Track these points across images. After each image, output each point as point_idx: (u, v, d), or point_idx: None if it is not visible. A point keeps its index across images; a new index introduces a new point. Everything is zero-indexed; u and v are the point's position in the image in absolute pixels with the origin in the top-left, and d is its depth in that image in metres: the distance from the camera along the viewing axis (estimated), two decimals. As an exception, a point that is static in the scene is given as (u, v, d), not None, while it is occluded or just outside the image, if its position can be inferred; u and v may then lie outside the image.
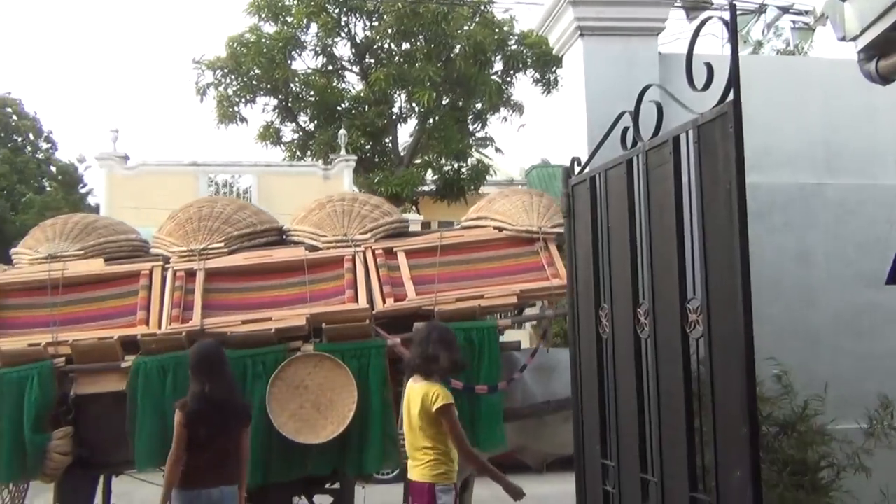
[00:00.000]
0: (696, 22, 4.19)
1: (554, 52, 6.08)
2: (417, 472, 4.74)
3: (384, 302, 5.92)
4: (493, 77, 19.27)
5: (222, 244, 6.36)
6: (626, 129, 3.98)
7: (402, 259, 6.23)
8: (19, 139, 26.83)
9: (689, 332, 3.27)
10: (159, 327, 5.88)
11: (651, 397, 3.57)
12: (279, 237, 6.82)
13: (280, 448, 5.65)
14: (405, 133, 20.86)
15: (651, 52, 5.38)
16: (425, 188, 19.80)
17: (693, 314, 3.24)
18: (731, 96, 3.06)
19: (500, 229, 6.42)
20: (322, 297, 6.05)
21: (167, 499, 4.90)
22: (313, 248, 6.39)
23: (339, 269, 6.18)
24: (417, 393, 4.72)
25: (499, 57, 19.35)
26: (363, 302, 5.92)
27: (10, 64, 48.96)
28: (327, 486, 6.48)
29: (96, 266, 6.34)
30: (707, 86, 3.27)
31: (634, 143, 3.85)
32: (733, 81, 3.06)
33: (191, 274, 6.14)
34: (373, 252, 6.25)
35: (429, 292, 5.99)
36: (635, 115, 3.84)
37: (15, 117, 26.57)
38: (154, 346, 5.76)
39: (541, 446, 6.58)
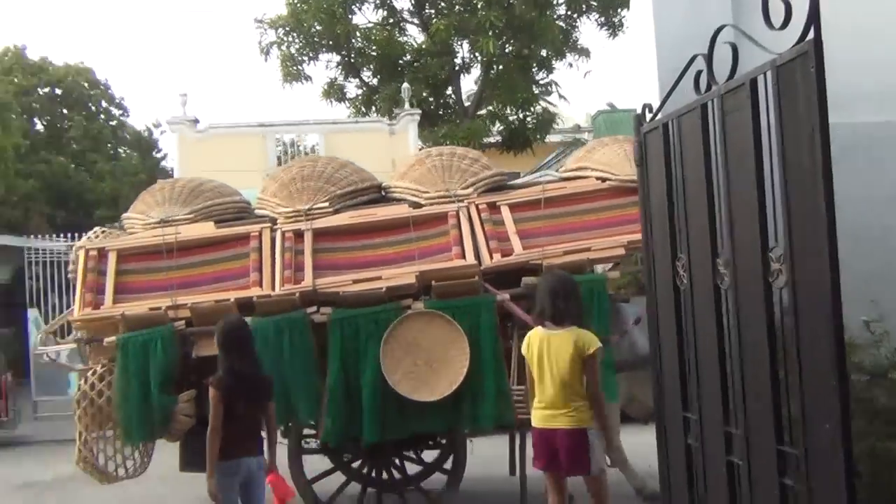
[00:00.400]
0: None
1: (621, -6, 5.90)
2: (565, 419, 4.73)
3: (491, 257, 5.90)
4: (557, 22, 18.86)
5: (327, 203, 6.43)
6: (699, 73, 3.83)
7: (505, 213, 6.20)
8: (92, 107, 27.46)
9: (772, 281, 3.17)
10: (272, 288, 5.99)
11: (732, 349, 3.49)
12: (379, 194, 6.84)
13: (395, 405, 5.76)
14: (468, 84, 20.68)
15: (724, -10, 5.16)
16: (490, 139, 19.63)
17: (776, 263, 3.14)
18: (811, 34, 2.91)
19: (603, 179, 6.33)
20: (429, 254, 6.08)
21: (213, 471, 5.01)
22: (415, 205, 6.39)
23: (443, 225, 6.19)
24: (565, 339, 4.74)
25: (561, 0, 18.92)
26: (471, 258, 5.92)
27: (81, 33, 50.05)
28: (432, 441, 6.63)
29: (207, 229, 6.48)
30: (785, 24, 3.11)
31: (709, 87, 3.70)
32: (813, 18, 2.91)
33: (298, 234, 6.22)
34: (476, 207, 6.22)
35: (535, 246, 5.96)
36: (709, 58, 3.69)
37: (87, 86, 27.17)
38: (269, 307, 5.89)
39: (648, 399, 6.59)
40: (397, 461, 6.65)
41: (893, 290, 4.89)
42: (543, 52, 19.35)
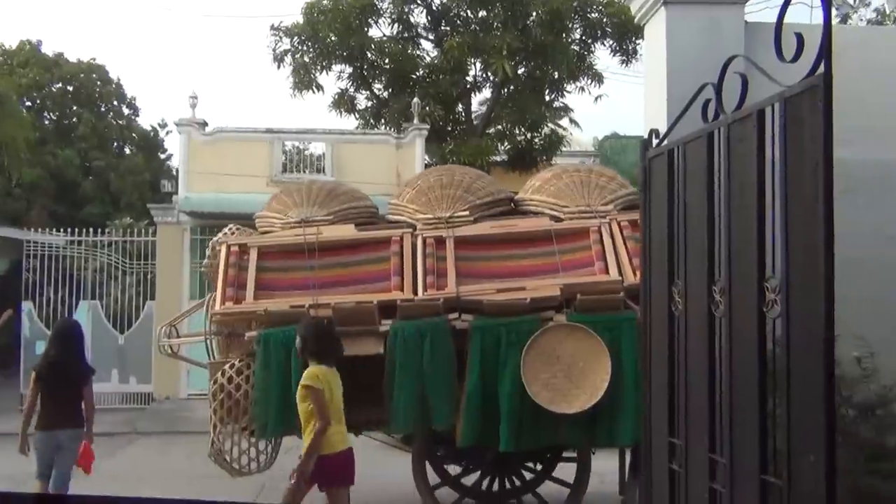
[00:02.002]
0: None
1: (635, 20, 5.95)
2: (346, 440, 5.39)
3: (634, 274, 5.85)
4: (572, 46, 18.94)
5: (467, 212, 6.53)
6: (707, 102, 3.85)
7: None
8: (103, 105, 27.57)
9: (767, 311, 3.18)
10: (414, 293, 6.05)
11: (723, 377, 3.49)
12: (510, 206, 6.93)
13: (531, 416, 5.80)
14: (479, 102, 20.74)
15: (737, 22, 5.22)
16: (497, 158, 19.66)
17: (771, 293, 3.15)
18: (821, 68, 2.93)
19: (555, 218, 6.51)
20: (571, 268, 6.14)
21: (24, 437, 6.46)
22: (554, 219, 6.43)
23: (585, 239, 6.24)
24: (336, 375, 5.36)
25: (577, 25, 19.01)
26: (614, 274, 5.91)
27: (96, 30, 50.32)
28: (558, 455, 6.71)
29: (348, 231, 6.57)
30: (796, 57, 3.13)
31: (717, 116, 3.72)
32: (825, 52, 2.93)
33: (440, 241, 6.29)
34: (618, 223, 6.25)
35: None
36: (718, 87, 3.72)
37: (99, 83, 27.28)
38: (413, 311, 5.95)
39: None
40: (517, 473, 6.75)
41: (885, 327, 4.90)
42: (556, 75, 19.42)
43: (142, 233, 16.10)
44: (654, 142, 4.48)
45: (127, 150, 28.00)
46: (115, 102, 28.09)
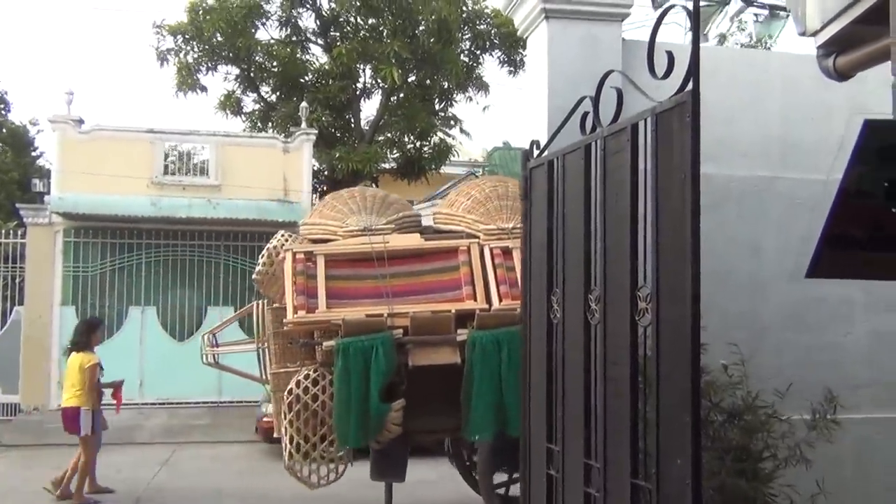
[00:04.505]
0: (661, 9, 4.18)
1: (518, 33, 6.05)
2: None
3: None
4: (461, 56, 19.16)
5: None
6: (585, 114, 3.96)
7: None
8: (-30, 99, 26.08)
9: (639, 319, 3.28)
10: (487, 302, 6.01)
11: (598, 383, 3.57)
12: None
13: None
14: (368, 109, 20.70)
15: (615, 38, 5.38)
16: (386, 166, 19.66)
17: (643, 302, 3.25)
18: (690, 86, 3.05)
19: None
20: None
21: None
22: None
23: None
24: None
25: (466, 35, 19.23)
26: None
27: (-37, 19, 47.48)
28: None
29: (415, 240, 6.49)
30: (667, 74, 3.25)
31: (594, 129, 3.83)
32: (693, 71, 3.05)
33: (506, 252, 6.22)
34: None
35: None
36: (595, 101, 3.82)
37: (-34, 75, 25.77)
38: (490, 321, 5.87)
39: None
40: None
41: (756, 334, 5.15)
42: (445, 84, 19.60)
43: (10, 234, 15.28)
44: (535, 152, 4.57)
45: (-4, 148, 26.53)
46: (-16, 97, 26.61)
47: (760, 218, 5.45)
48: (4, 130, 27.02)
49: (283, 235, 7.18)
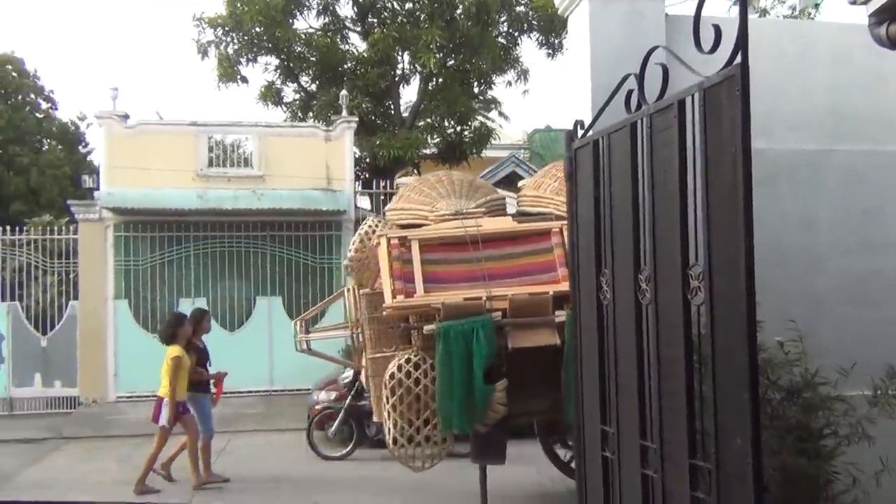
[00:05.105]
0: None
1: (559, 12, 5.98)
2: None
3: None
4: (498, 39, 19.04)
5: None
6: (630, 92, 3.90)
7: None
8: (19, 97, 26.63)
9: (691, 298, 3.24)
10: None
11: (651, 363, 3.54)
12: None
13: None
14: (408, 95, 20.70)
15: (658, 14, 5.29)
16: (427, 151, 19.65)
17: (695, 280, 3.20)
18: (738, 59, 2.99)
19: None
20: None
21: None
22: None
23: None
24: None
25: (504, 18, 19.10)
26: None
27: (13, 22, 48.48)
28: None
29: (507, 223, 6.50)
30: (714, 48, 3.19)
31: (639, 106, 3.77)
32: (741, 44, 2.99)
33: None
34: None
35: None
36: (640, 78, 3.77)
37: (15, 75, 26.33)
38: None
39: None
40: None
41: (812, 310, 5.05)
42: (483, 67, 19.50)
43: (62, 230, 15.61)
44: (580, 133, 4.52)
45: (46, 144, 27.09)
46: (33, 96, 27.17)
47: (813, 191, 5.34)
48: (54, 128, 27.58)
49: (372, 221, 7.20)
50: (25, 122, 25.81)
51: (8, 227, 15.05)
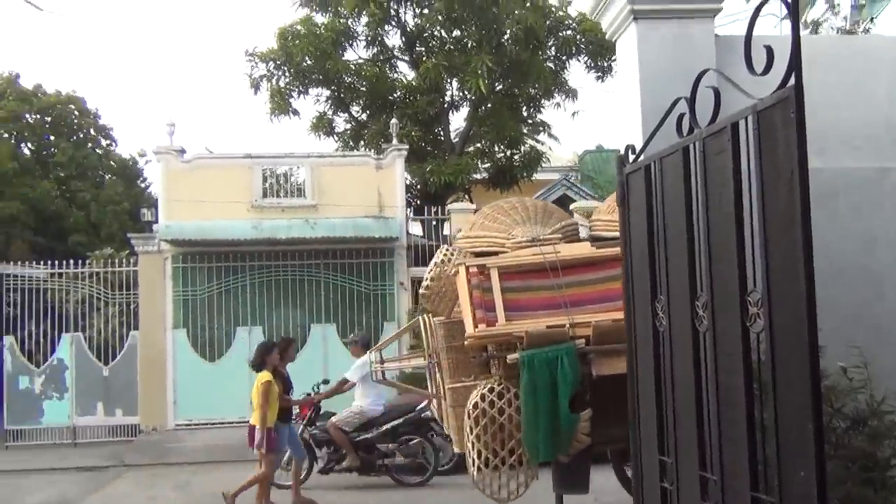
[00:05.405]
0: (755, 2, 4.04)
1: (607, 36, 5.95)
2: None
3: None
4: (547, 63, 19.06)
5: None
6: (681, 116, 3.85)
7: None
8: (81, 135, 27.48)
9: (750, 325, 3.16)
10: None
11: (710, 392, 3.46)
12: None
13: None
14: (457, 121, 20.82)
15: (707, 35, 5.22)
16: (477, 176, 19.70)
17: (753, 307, 3.13)
18: (792, 80, 2.93)
19: None
20: None
21: None
22: None
23: None
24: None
25: (551, 42, 19.13)
26: None
27: (74, 62, 50.15)
28: None
29: (586, 249, 6.47)
30: (767, 70, 3.14)
31: (691, 130, 3.72)
32: (794, 64, 2.93)
33: None
34: None
35: None
36: (691, 101, 3.71)
37: (77, 114, 27.20)
38: None
39: None
40: None
41: (875, 334, 4.89)
42: (532, 92, 19.52)
43: (123, 263, 15.99)
44: (631, 157, 4.47)
45: (107, 180, 27.87)
46: (94, 133, 28.02)
47: (872, 210, 5.19)
48: (113, 163, 28.36)
49: (447, 250, 7.16)
50: (87, 159, 26.63)
51: (71, 261, 15.46)
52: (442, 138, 19.97)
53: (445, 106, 19.66)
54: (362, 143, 19.86)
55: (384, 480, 10.43)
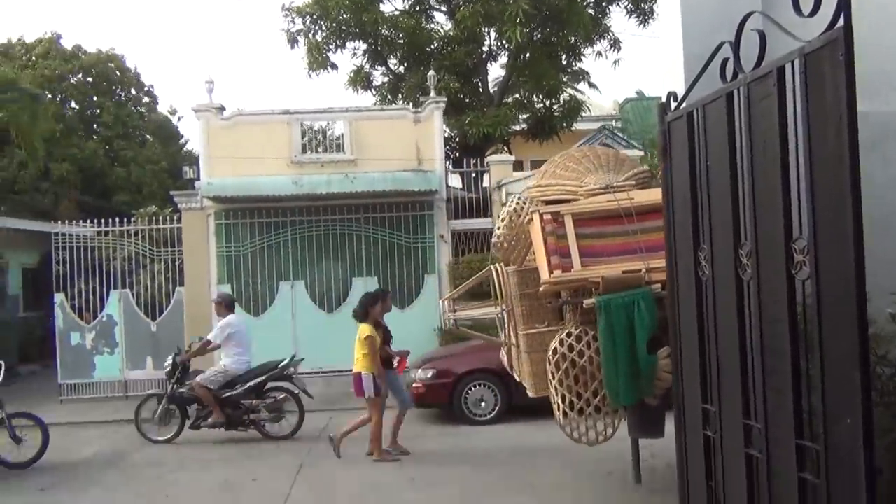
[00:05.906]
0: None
1: (648, -20, 5.81)
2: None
3: None
4: (587, 9, 18.68)
5: None
6: (725, 61, 3.77)
7: None
8: (122, 94, 27.74)
9: (795, 273, 3.12)
10: None
11: (754, 341, 3.44)
12: None
13: None
14: (495, 71, 20.57)
15: (752, -24, 5.07)
16: (516, 127, 19.52)
17: (799, 254, 3.09)
18: (840, 21, 2.85)
19: None
20: None
21: None
22: None
23: None
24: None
25: (591, -13, 18.74)
26: None
27: (113, 20, 50.42)
28: None
29: (658, 195, 6.57)
30: (815, 11, 3.05)
31: (735, 76, 3.64)
32: (843, 4, 2.84)
33: None
34: None
35: None
36: (735, 46, 3.63)
37: (118, 73, 27.43)
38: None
39: None
40: None
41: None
42: (572, 40, 19.18)
43: (167, 220, 16.22)
44: (673, 104, 4.40)
45: (147, 139, 28.20)
46: (134, 91, 28.25)
47: (924, 154, 5.05)
48: (154, 123, 28.64)
49: (519, 199, 7.16)
50: (130, 118, 26.93)
51: (117, 219, 15.73)
52: (480, 89, 19.77)
53: (483, 56, 19.41)
54: (400, 96, 19.75)
55: (252, 434, 10.73)
